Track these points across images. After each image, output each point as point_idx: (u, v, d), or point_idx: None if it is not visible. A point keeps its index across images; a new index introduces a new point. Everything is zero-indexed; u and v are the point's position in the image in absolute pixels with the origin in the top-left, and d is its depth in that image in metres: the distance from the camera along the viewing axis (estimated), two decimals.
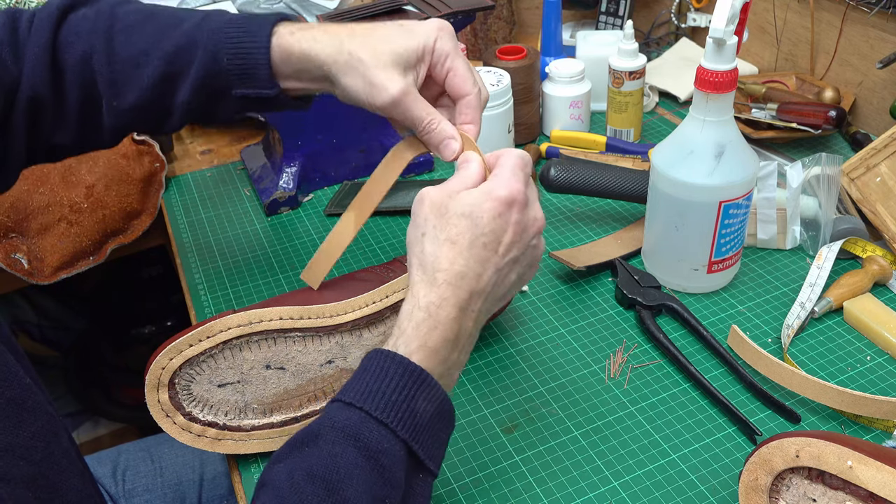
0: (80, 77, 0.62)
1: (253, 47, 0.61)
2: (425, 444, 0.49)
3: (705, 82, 0.66)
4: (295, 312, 0.60)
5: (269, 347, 0.60)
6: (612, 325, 0.75)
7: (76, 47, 0.61)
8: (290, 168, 0.95)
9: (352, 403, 0.48)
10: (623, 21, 1.23)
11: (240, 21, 0.62)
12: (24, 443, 0.47)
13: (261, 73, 0.61)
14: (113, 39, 0.62)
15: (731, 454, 0.62)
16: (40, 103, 0.61)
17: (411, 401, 0.48)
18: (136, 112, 0.63)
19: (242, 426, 0.61)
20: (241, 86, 0.62)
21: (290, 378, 0.61)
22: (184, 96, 0.63)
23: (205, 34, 0.62)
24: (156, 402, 0.58)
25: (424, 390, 0.49)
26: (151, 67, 0.61)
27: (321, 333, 0.62)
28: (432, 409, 0.49)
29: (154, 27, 0.63)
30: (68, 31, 0.62)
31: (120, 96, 0.62)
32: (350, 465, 0.46)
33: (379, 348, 0.51)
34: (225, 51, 0.61)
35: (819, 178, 0.79)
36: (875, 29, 0.96)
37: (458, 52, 0.60)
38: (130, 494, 0.80)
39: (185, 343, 0.58)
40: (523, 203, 0.53)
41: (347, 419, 0.48)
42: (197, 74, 0.61)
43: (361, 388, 0.49)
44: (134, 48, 0.62)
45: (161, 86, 0.62)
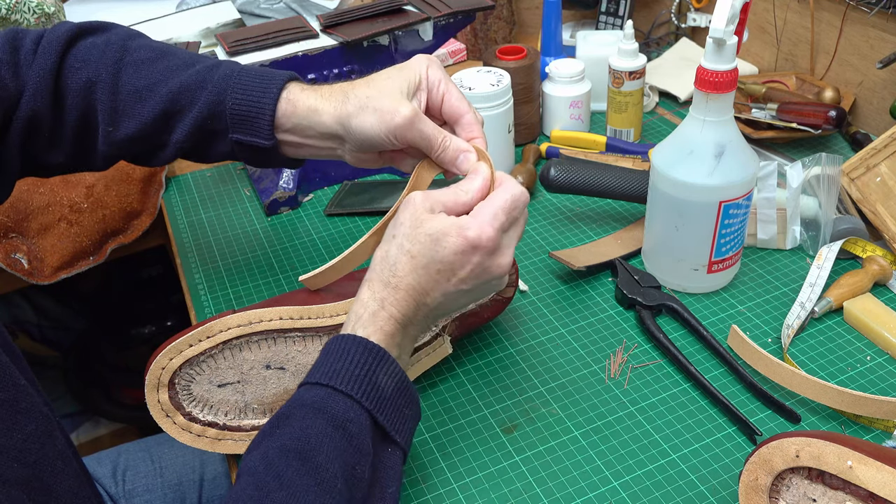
0: (80, 102, 0.63)
1: (261, 96, 0.63)
2: (389, 416, 0.53)
3: (705, 82, 0.66)
4: (295, 312, 0.61)
5: (270, 347, 0.60)
6: (612, 325, 0.75)
7: (81, 73, 0.63)
8: (290, 168, 0.95)
9: (318, 382, 0.52)
10: (623, 21, 1.23)
11: (254, 71, 0.65)
12: (18, 445, 0.47)
13: (262, 122, 0.63)
14: (121, 71, 0.64)
15: (731, 454, 0.62)
16: (38, 123, 0.62)
17: (372, 375, 0.53)
18: (131, 143, 0.65)
19: (242, 426, 0.61)
20: (238, 131, 0.64)
21: (291, 378, 0.61)
22: (180, 134, 0.64)
23: (216, 77, 0.64)
24: (156, 402, 0.58)
25: (384, 366, 0.53)
26: (154, 102, 0.63)
27: (321, 333, 0.62)
28: (393, 384, 0.54)
29: (165, 66, 0.64)
30: (75, 57, 0.63)
31: (117, 126, 0.64)
32: (320, 435, 0.49)
33: (338, 334, 0.55)
34: (232, 95, 0.63)
35: (819, 178, 0.79)
36: (875, 29, 0.96)
37: (448, 78, 0.63)
38: (130, 494, 0.80)
39: (185, 343, 0.58)
40: (490, 250, 0.56)
41: (315, 396, 0.52)
42: (199, 114, 0.63)
43: (326, 369, 0.53)
44: (140, 82, 0.64)
45: (160, 121, 0.64)
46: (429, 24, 0.94)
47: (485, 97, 0.90)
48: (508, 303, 0.73)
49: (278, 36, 0.91)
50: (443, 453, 0.63)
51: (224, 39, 0.91)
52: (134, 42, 0.66)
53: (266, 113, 0.63)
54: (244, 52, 0.89)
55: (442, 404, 0.68)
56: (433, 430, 0.65)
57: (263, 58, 0.87)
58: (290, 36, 0.91)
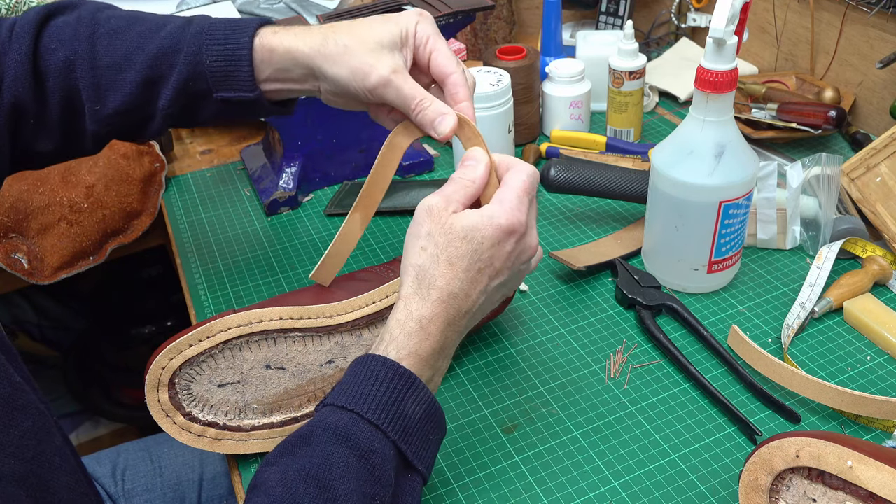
0: (62, 83, 0.62)
1: (235, 48, 0.61)
2: (413, 445, 0.51)
3: (705, 82, 0.66)
4: (295, 312, 0.61)
5: (269, 347, 0.60)
6: (612, 325, 0.75)
7: (58, 53, 0.62)
8: (290, 168, 0.95)
9: (344, 406, 0.50)
10: (623, 21, 1.23)
11: (223, 23, 0.63)
12: (15, 441, 0.47)
13: (242, 74, 0.61)
14: (96, 45, 0.62)
15: (731, 454, 0.62)
16: (22, 110, 0.62)
17: (401, 403, 0.51)
18: (119, 117, 0.63)
19: (242, 426, 0.61)
20: (221, 89, 0.62)
21: (290, 378, 0.61)
22: (165, 100, 0.63)
23: (188, 37, 0.62)
24: (156, 402, 0.58)
25: (413, 393, 0.51)
26: (134, 72, 0.62)
27: (321, 333, 0.62)
28: (421, 411, 0.52)
29: (137, 32, 0.63)
30: (49, 37, 0.62)
31: (102, 101, 0.63)
32: (342, 464, 0.48)
33: (370, 353, 0.53)
34: (207, 52, 0.61)
35: (819, 178, 0.79)
36: (875, 29, 0.96)
37: (438, 35, 0.60)
38: (130, 494, 0.80)
39: (185, 343, 0.58)
40: (522, 233, 0.55)
41: (339, 420, 0.49)
42: (179, 77, 0.62)
43: (353, 392, 0.50)
44: (117, 53, 0.62)
45: (143, 90, 0.63)
46: None
47: (485, 97, 0.90)
48: (508, 303, 0.73)
49: None
50: (443, 453, 0.63)
51: None
52: (103, 14, 0.64)
53: (244, 64, 0.61)
54: None
55: (442, 404, 0.68)
56: None
57: None
58: None
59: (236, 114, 0.65)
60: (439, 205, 0.54)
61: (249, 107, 0.64)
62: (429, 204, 0.54)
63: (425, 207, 0.55)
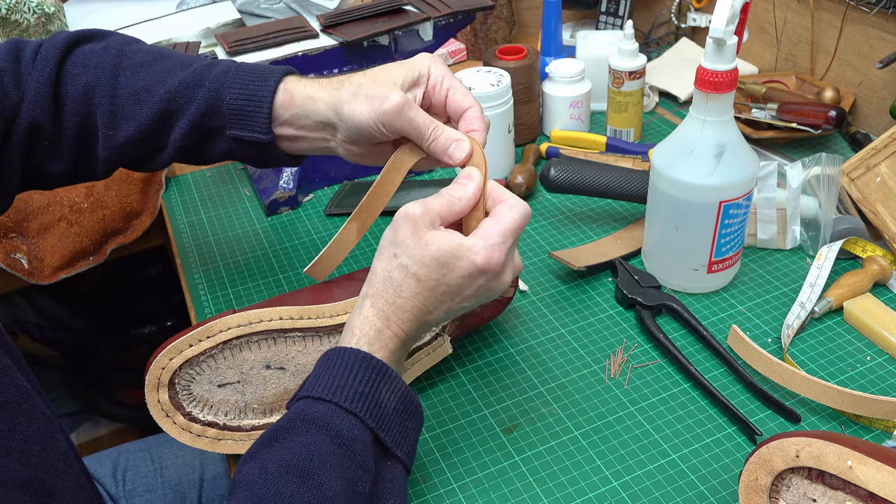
0: (80, 107, 0.63)
1: (258, 89, 0.63)
2: (391, 433, 0.53)
3: (705, 82, 0.66)
4: (295, 312, 0.61)
5: (269, 347, 0.60)
6: (612, 325, 0.75)
7: (80, 79, 0.63)
8: (290, 168, 0.95)
9: (320, 397, 0.51)
10: (623, 21, 1.23)
11: (250, 67, 0.64)
12: (20, 446, 0.47)
13: (260, 115, 0.63)
14: (119, 75, 0.64)
15: (731, 454, 0.62)
16: (38, 131, 0.62)
17: (376, 392, 0.52)
18: (130, 146, 0.64)
19: (242, 426, 0.61)
20: (236, 127, 0.64)
21: (290, 378, 0.61)
22: (178, 133, 0.64)
23: (212, 75, 0.64)
24: (156, 402, 0.58)
25: (387, 382, 0.53)
26: (151, 104, 0.63)
27: (321, 333, 0.62)
28: (396, 399, 0.53)
29: (162, 67, 0.65)
30: (74, 63, 0.64)
31: (116, 129, 0.64)
32: (323, 452, 0.49)
33: (340, 346, 0.54)
34: (229, 90, 0.63)
35: (819, 178, 0.79)
36: (875, 29, 0.96)
37: (452, 76, 0.62)
38: (131, 494, 0.80)
39: (185, 343, 0.58)
40: (496, 273, 0.56)
41: (317, 411, 0.51)
42: (196, 111, 0.63)
43: (329, 383, 0.52)
44: (138, 84, 0.64)
45: (158, 122, 0.64)
46: (429, 24, 0.94)
47: (485, 97, 0.90)
48: (508, 303, 0.73)
49: (278, 36, 0.91)
50: (443, 453, 0.63)
51: (224, 39, 0.91)
52: (131, 47, 0.66)
53: (264, 105, 0.62)
54: (244, 52, 0.89)
55: (442, 404, 0.68)
56: (433, 430, 0.65)
57: (263, 58, 0.88)
58: (290, 36, 0.91)
59: (246, 155, 0.66)
60: (418, 215, 0.54)
61: (260, 149, 0.65)
62: (409, 211, 0.55)
63: (404, 214, 0.55)
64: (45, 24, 1.03)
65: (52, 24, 1.05)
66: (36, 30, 1.02)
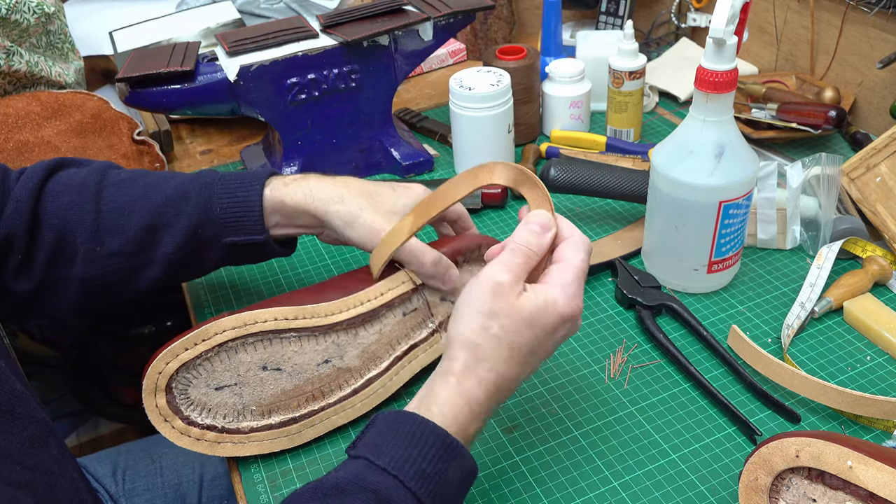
0: (59, 223, 0.63)
1: (246, 195, 0.65)
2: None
3: (705, 82, 0.66)
4: (290, 313, 0.61)
5: (265, 349, 0.60)
6: (612, 325, 0.75)
7: (63, 197, 0.64)
8: (290, 168, 0.95)
9: (385, 469, 0.48)
10: (623, 21, 1.23)
11: (233, 175, 0.67)
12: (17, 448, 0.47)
13: (253, 218, 0.65)
14: (102, 191, 0.65)
15: (731, 454, 0.62)
16: (12, 245, 0.62)
17: (444, 473, 0.49)
18: (115, 258, 0.64)
19: (241, 428, 0.61)
20: (230, 234, 0.65)
21: (287, 379, 0.61)
22: (169, 246, 0.65)
23: (196, 187, 0.66)
24: (153, 406, 0.58)
25: (457, 462, 0.50)
26: (138, 217, 0.64)
27: (317, 333, 0.62)
28: (460, 475, 0.51)
29: (144, 182, 0.66)
30: (57, 181, 0.65)
31: (101, 242, 0.64)
32: None
33: (415, 413, 0.51)
34: (218, 201, 0.65)
35: (819, 178, 0.80)
36: (875, 29, 0.96)
37: None
38: (131, 494, 0.80)
39: (181, 347, 0.58)
40: (576, 318, 0.54)
41: (380, 483, 0.48)
42: (188, 223, 0.64)
43: (397, 454, 0.49)
44: (122, 199, 0.65)
45: (145, 236, 0.64)
46: (429, 24, 0.94)
47: (485, 97, 0.90)
48: None
49: (278, 36, 0.91)
50: None
51: (224, 39, 0.91)
52: (113, 170, 0.67)
53: (255, 209, 0.65)
54: (244, 52, 0.89)
55: None
56: None
57: (263, 58, 0.87)
58: (290, 36, 0.91)
59: (240, 258, 0.69)
60: (508, 283, 0.52)
61: (255, 250, 0.67)
62: (497, 281, 0.52)
63: (493, 284, 0.52)
64: (45, 24, 1.03)
65: (52, 24, 1.05)
66: (36, 30, 1.02)
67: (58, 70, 1.05)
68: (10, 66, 0.98)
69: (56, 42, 1.08)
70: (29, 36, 1.02)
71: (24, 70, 0.99)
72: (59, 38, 1.08)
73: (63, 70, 1.07)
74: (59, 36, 1.08)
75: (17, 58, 0.98)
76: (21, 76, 1.00)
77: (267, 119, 0.91)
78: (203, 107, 0.89)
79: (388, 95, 0.96)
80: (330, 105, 0.93)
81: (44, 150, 0.94)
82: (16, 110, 0.95)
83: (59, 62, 1.08)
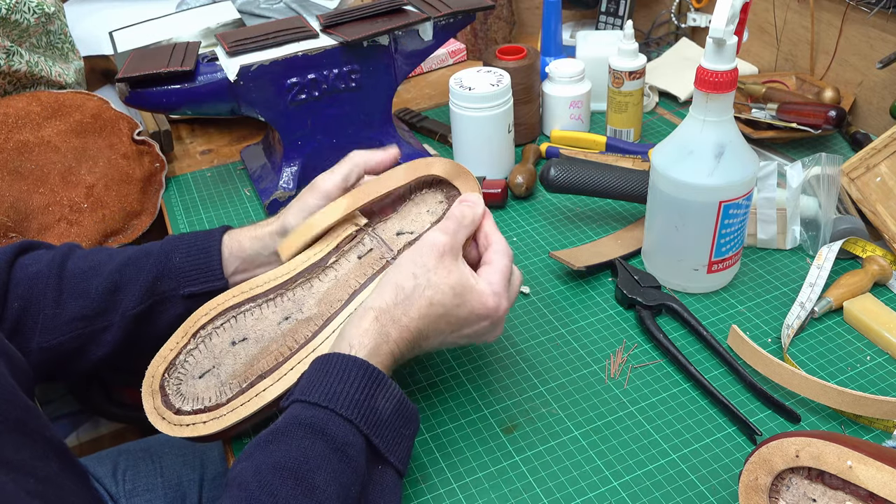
0: (25, 292, 0.64)
1: (206, 244, 0.67)
2: (385, 438, 0.54)
3: (705, 82, 0.66)
4: (244, 286, 0.65)
5: (232, 326, 0.64)
6: (612, 325, 0.75)
7: (31, 268, 0.65)
8: (290, 168, 0.95)
9: (317, 403, 0.52)
10: (623, 21, 1.23)
11: (193, 232, 0.70)
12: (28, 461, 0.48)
13: (213, 264, 0.67)
14: (67, 261, 0.66)
15: (731, 454, 0.62)
16: None
17: (371, 399, 0.54)
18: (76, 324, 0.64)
19: (220, 402, 0.61)
20: (189, 284, 0.66)
21: (254, 344, 0.63)
22: (127, 305, 0.65)
23: (159, 244, 0.68)
24: (152, 408, 0.61)
25: (383, 390, 0.55)
26: (100, 278, 0.65)
27: (272, 296, 0.65)
28: (391, 406, 0.55)
29: (108, 252, 0.68)
30: (28, 258, 0.66)
31: (62, 307, 0.64)
32: (319, 457, 0.50)
33: (336, 352, 0.55)
34: (178, 253, 0.67)
35: (819, 178, 0.80)
36: (875, 29, 0.96)
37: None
38: (131, 494, 0.80)
39: (167, 348, 0.62)
40: (497, 321, 0.60)
41: (314, 416, 0.52)
42: (148, 276, 0.65)
43: (325, 389, 0.53)
44: (86, 264, 0.66)
45: (107, 297, 0.65)
46: (429, 24, 0.94)
47: (485, 97, 0.90)
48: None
49: (278, 36, 0.91)
50: (443, 453, 0.63)
51: (224, 39, 0.91)
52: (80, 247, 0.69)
53: (214, 256, 0.67)
54: (244, 52, 0.89)
55: (442, 404, 0.68)
56: (433, 429, 0.66)
57: (263, 58, 0.87)
58: (290, 36, 0.91)
59: None
60: (447, 246, 0.58)
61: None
62: (436, 241, 0.59)
63: (432, 243, 0.59)
64: (45, 24, 1.03)
65: (52, 24, 1.05)
66: (36, 30, 1.02)
67: (58, 70, 1.05)
68: (10, 66, 0.98)
69: (56, 42, 1.08)
70: (29, 36, 1.02)
71: (24, 70, 0.99)
72: (59, 38, 1.08)
73: (63, 70, 1.07)
74: (59, 36, 1.08)
75: (17, 58, 0.98)
76: (21, 76, 1.00)
77: (267, 119, 0.91)
78: (203, 107, 0.89)
79: (388, 95, 0.96)
80: (330, 105, 0.93)
81: (44, 150, 0.94)
82: (16, 110, 0.95)
83: (59, 62, 1.08)
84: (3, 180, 0.91)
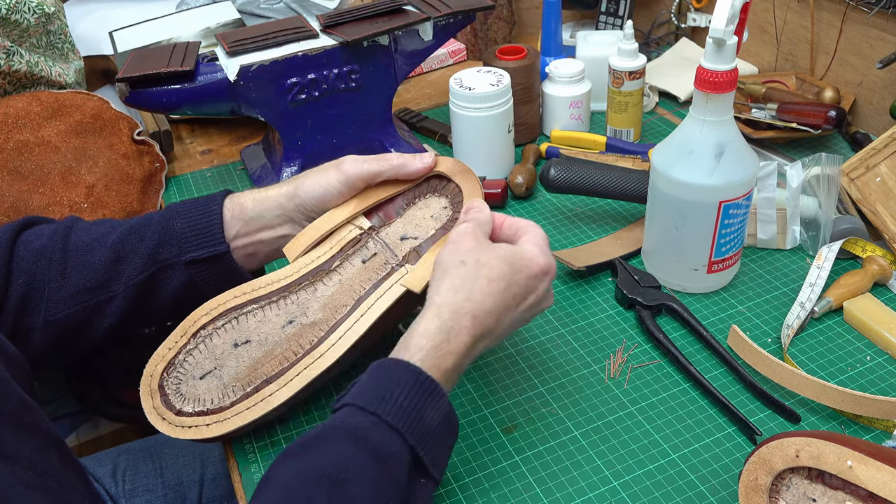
0: (30, 267, 0.63)
1: (207, 208, 0.66)
2: (430, 451, 0.52)
3: (705, 82, 0.66)
4: (246, 287, 0.65)
5: (234, 327, 0.63)
6: (612, 325, 0.75)
7: (34, 244, 0.64)
8: (290, 168, 0.95)
9: (364, 408, 0.51)
10: (623, 21, 1.23)
11: (196, 198, 0.68)
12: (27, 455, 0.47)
13: (214, 227, 0.65)
14: (71, 234, 0.65)
15: (731, 454, 0.62)
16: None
17: (420, 409, 0.51)
18: (81, 297, 0.63)
19: (223, 406, 0.61)
20: (190, 249, 0.65)
21: (257, 347, 0.63)
22: (130, 274, 0.64)
23: (159, 214, 0.66)
24: (151, 408, 0.60)
25: (433, 400, 0.52)
26: (103, 250, 0.64)
27: (274, 298, 0.64)
28: (439, 418, 0.52)
29: (110, 224, 0.67)
30: (30, 233, 0.65)
31: (66, 279, 0.63)
32: (358, 465, 0.48)
33: (393, 357, 0.54)
34: (178, 219, 0.65)
35: (819, 178, 0.80)
36: (875, 29, 0.96)
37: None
38: (131, 494, 0.80)
39: (165, 347, 0.62)
40: (552, 276, 0.59)
41: (358, 422, 0.50)
42: (149, 244, 0.64)
43: (373, 395, 0.51)
44: (90, 236, 0.65)
45: (110, 268, 0.64)
46: (429, 24, 0.94)
47: (485, 97, 0.90)
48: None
49: (278, 36, 0.91)
50: None
51: (224, 39, 0.91)
52: (82, 220, 0.68)
53: (215, 218, 0.65)
54: (244, 52, 0.89)
55: None
56: None
57: (263, 58, 0.88)
58: (290, 36, 0.91)
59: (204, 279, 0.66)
60: (475, 227, 0.59)
61: (218, 267, 0.66)
62: (464, 229, 0.59)
63: (462, 231, 0.59)
64: (45, 24, 1.03)
65: (53, 24, 1.05)
66: (36, 30, 1.02)
67: (58, 70, 1.05)
68: (10, 66, 0.98)
69: (56, 42, 1.08)
70: (29, 36, 1.02)
71: (24, 70, 0.99)
72: (59, 38, 1.08)
73: (63, 70, 1.07)
74: (59, 36, 1.08)
75: (18, 58, 0.98)
76: (21, 76, 1.00)
77: (267, 119, 0.91)
78: (203, 107, 0.89)
79: (388, 95, 0.96)
80: (330, 105, 0.93)
81: (44, 150, 0.94)
82: (16, 110, 0.95)
83: (59, 62, 1.08)
84: (3, 180, 0.91)
